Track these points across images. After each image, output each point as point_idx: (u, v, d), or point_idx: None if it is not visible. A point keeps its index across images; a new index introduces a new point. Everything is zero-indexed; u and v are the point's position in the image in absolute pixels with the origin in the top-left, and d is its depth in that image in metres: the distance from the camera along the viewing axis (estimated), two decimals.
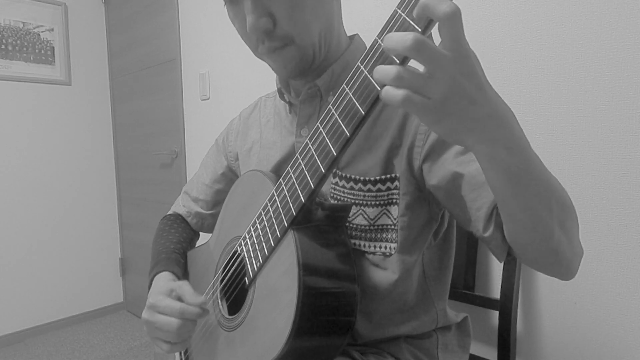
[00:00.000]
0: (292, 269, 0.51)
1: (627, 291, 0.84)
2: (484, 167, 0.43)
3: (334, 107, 0.47)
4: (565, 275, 0.51)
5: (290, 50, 0.59)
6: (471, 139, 0.39)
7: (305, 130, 0.67)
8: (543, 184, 0.43)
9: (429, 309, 0.68)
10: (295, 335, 0.49)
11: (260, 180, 0.64)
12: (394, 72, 0.34)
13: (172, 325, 0.59)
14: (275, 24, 0.57)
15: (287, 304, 0.51)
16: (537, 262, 0.50)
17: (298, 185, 0.53)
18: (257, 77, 1.65)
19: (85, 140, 2.52)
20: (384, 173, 0.61)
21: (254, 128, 0.79)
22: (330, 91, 0.65)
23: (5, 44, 2.20)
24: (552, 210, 0.44)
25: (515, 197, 0.43)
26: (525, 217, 0.45)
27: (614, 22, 0.82)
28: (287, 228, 0.54)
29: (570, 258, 0.49)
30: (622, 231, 0.83)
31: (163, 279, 0.71)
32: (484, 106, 0.36)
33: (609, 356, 0.86)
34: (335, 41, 0.64)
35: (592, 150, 0.85)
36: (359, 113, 0.43)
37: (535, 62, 0.92)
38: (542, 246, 0.47)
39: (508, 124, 0.39)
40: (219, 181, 0.85)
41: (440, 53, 0.33)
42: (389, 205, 0.61)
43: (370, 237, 0.62)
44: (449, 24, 0.33)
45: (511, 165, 0.40)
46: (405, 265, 0.62)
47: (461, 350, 0.75)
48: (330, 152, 0.48)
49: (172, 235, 0.83)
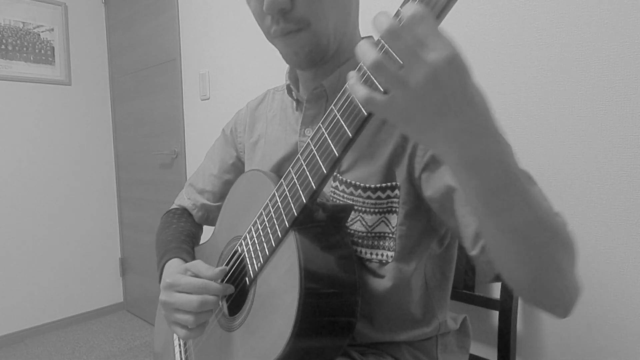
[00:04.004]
0: (293, 269, 0.51)
1: (627, 291, 0.84)
2: (458, 180, 0.41)
3: (336, 107, 0.47)
4: (557, 312, 0.47)
5: (305, 35, 0.57)
6: (438, 148, 0.38)
7: (309, 130, 0.67)
8: (522, 217, 0.40)
9: (431, 320, 0.67)
10: (296, 336, 0.49)
11: (261, 180, 0.64)
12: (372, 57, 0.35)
13: (193, 303, 0.56)
14: (293, 5, 0.55)
15: (289, 304, 0.50)
16: (522, 295, 0.47)
17: (299, 186, 0.52)
18: (257, 77, 1.65)
19: (85, 141, 2.51)
20: (385, 181, 0.60)
21: (261, 121, 0.78)
22: (336, 94, 0.65)
23: (5, 44, 2.20)
24: (535, 246, 0.42)
25: (489, 221, 0.41)
26: (501, 246, 0.43)
27: (614, 22, 0.81)
28: (289, 228, 0.54)
29: (560, 297, 0.45)
30: (622, 231, 0.83)
31: (174, 264, 0.69)
32: (452, 121, 0.35)
33: (609, 356, 0.86)
34: (348, 37, 0.63)
35: (592, 150, 0.85)
36: (360, 114, 0.43)
37: (534, 62, 0.92)
38: (521, 277, 0.44)
39: (482, 145, 0.37)
40: (228, 171, 0.83)
41: (414, 51, 0.33)
42: (388, 213, 0.61)
43: (367, 244, 0.62)
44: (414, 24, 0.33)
45: (479, 187, 0.39)
46: (402, 273, 0.61)
47: (460, 351, 0.75)
48: (332, 152, 0.47)
49: (180, 227, 0.81)
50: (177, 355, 0.73)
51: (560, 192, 0.90)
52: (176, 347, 0.74)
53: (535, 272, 0.43)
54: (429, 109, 0.35)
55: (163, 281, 0.62)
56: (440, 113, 0.35)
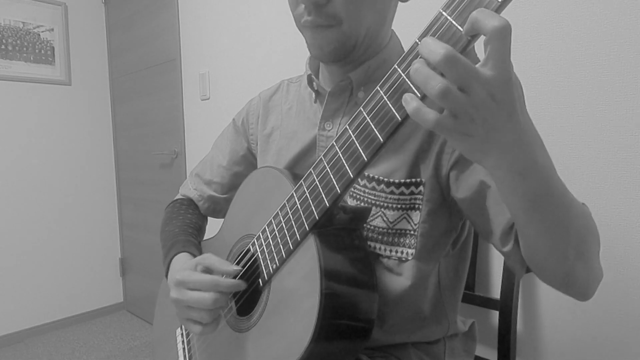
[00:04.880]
0: (313, 274, 0.50)
1: (627, 291, 0.84)
2: (500, 188, 0.42)
3: (366, 110, 0.45)
4: (580, 297, 0.50)
5: (334, 32, 0.56)
6: (489, 162, 0.38)
7: (329, 124, 0.64)
8: (561, 214, 0.42)
9: (441, 319, 0.67)
10: (315, 341, 0.48)
11: (277, 179, 0.61)
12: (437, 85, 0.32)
13: (207, 301, 0.55)
14: (329, 0, 0.54)
15: (308, 309, 0.49)
16: (552, 282, 0.50)
17: (322, 189, 0.50)
18: (257, 77, 1.65)
19: (85, 140, 2.51)
20: (410, 177, 0.59)
21: (275, 113, 0.75)
22: (361, 87, 0.63)
23: (5, 44, 2.20)
24: (570, 239, 0.44)
25: (529, 222, 0.43)
26: (539, 241, 0.44)
27: (614, 22, 0.81)
28: (308, 232, 0.52)
29: (586, 282, 0.48)
30: (622, 231, 0.83)
31: (183, 258, 0.67)
32: (508, 134, 0.35)
33: (609, 356, 0.86)
34: (380, 40, 0.62)
35: (592, 150, 0.85)
36: (395, 119, 0.41)
37: (534, 62, 0.92)
38: (557, 270, 0.46)
39: (531, 153, 0.37)
40: (238, 163, 0.80)
41: (475, 72, 0.32)
42: (410, 210, 0.60)
43: (388, 240, 0.61)
44: (497, 41, 0.31)
45: (527, 193, 0.40)
46: (420, 272, 0.60)
47: (466, 355, 0.75)
48: (360, 157, 0.45)
49: (187, 219, 0.79)
50: (181, 353, 0.72)
51: None
52: (179, 344, 0.73)
53: (570, 261, 0.45)
54: (488, 126, 0.34)
55: (172, 277, 0.60)
56: (498, 129, 0.35)
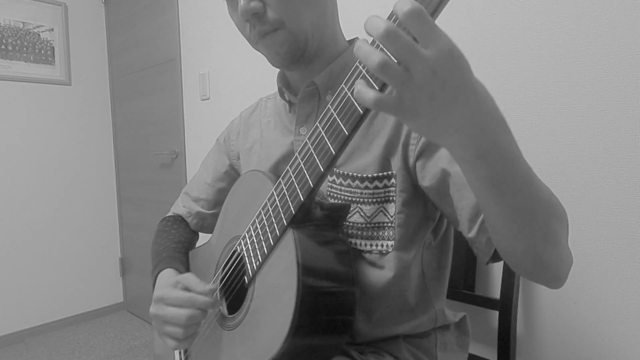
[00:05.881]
0: (291, 267, 0.51)
1: (627, 291, 0.83)
2: (462, 169, 0.43)
3: (333, 106, 0.48)
4: (552, 283, 0.51)
5: (281, 34, 0.60)
6: (447, 142, 0.39)
7: (304, 129, 0.68)
8: (526, 197, 0.43)
9: (427, 309, 0.68)
10: (294, 333, 0.49)
11: (261, 180, 0.64)
12: (377, 59, 0.33)
13: (182, 317, 0.58)
14: (266, 8, 0.59)
15: (286, 302, 0.51)
16: (522, 268, 0.50)
17: (297, 184, 0.53)
18: (257, 77, 1.65)
19: (85, 140, 2.52)
20: (381, 170, 0.61)
21: (255, 128, 0.79)
22: (328, 90, 0.66)
23: (5, 44, 2.20)
24: (536, 224, 0.44)
25: (494, 205, 0.43)
26: (505, 225, 0.45)
27: (613, 22, 0.81)
28: (287, 227, 0.54)
29: (556, 268, 0.49)
30: (622, 231, 0.83)
31: (167, 275, 0.71)
32: (458, 114, 0.36)
33: (609, 356, 0.86)
34: (329, 35, 0.65)
35: (592, 150, 0.85)
36: (357, 112, 0.44)
37: (534, 62, 0.92)
38: (525, 255, 0.47)
39: (489, 134, 0.38)
40: (221, 179, 0.85)
41: (415, 48, 0.33)
42: (385, 202, 0.62)
43: (367, 235, 0.62)
44: (412, 22, 0.32)
45: (488, 174, 0.40)
46: (402, 262, 0.62)
47: (460, 350, 0.75)
48: (329, 151, 0.48)
49: (172, 235, 0.83)
50: (177, 354, 0.74)
51: (559, 192, 0.90)
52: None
53: (537, 246, 0.46)
54: (435, 104, 0.35)
55: (154, 294, 0.64)
56: (446, 106, 0.35)
